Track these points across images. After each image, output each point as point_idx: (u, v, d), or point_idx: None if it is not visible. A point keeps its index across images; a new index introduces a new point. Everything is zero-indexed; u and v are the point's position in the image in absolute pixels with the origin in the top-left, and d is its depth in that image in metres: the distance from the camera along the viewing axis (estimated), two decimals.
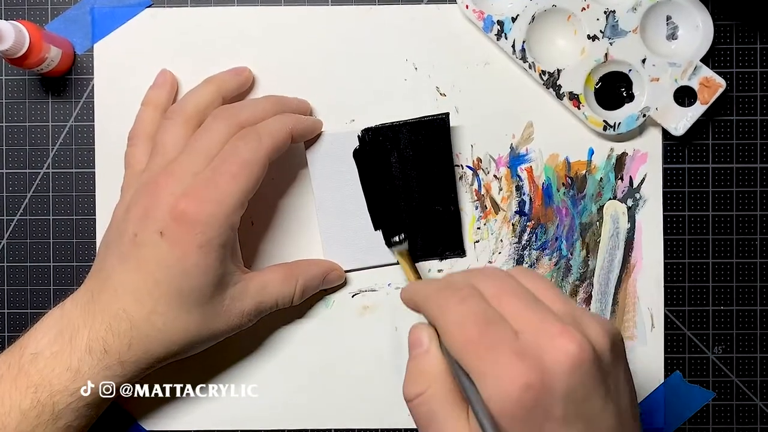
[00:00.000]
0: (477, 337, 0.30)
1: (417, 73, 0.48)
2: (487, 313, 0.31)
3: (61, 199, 0.48)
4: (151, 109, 0.45)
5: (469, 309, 0.31)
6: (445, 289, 0.33)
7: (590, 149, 0.48)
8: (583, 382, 0.30)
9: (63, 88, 0.48)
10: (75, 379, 0.39)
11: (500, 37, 0.47)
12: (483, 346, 0.30)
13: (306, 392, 0.48)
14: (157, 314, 0.39)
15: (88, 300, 0.40)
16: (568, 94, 0.47)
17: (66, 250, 0.48)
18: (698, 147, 0.48)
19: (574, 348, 0.30)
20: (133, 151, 0.44)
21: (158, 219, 0.39)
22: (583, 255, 0.48)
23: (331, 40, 0.48)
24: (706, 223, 0.48)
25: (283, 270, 0.44)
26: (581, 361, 0.30)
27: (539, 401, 0.29)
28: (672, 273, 0.48)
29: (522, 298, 0.32)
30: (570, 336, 0.30)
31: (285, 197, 0.48)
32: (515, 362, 0.29)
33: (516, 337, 0.31)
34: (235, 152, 0.40)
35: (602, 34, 0.46)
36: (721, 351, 0.48)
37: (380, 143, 0.46)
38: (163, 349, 0.40)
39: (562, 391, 0.30)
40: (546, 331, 0.31)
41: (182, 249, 0.38)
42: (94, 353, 0.39)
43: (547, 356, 0.30)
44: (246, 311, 0.42)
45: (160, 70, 0.47)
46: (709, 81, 0.46)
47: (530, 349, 0.30)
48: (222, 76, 0.46)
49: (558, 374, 0.30)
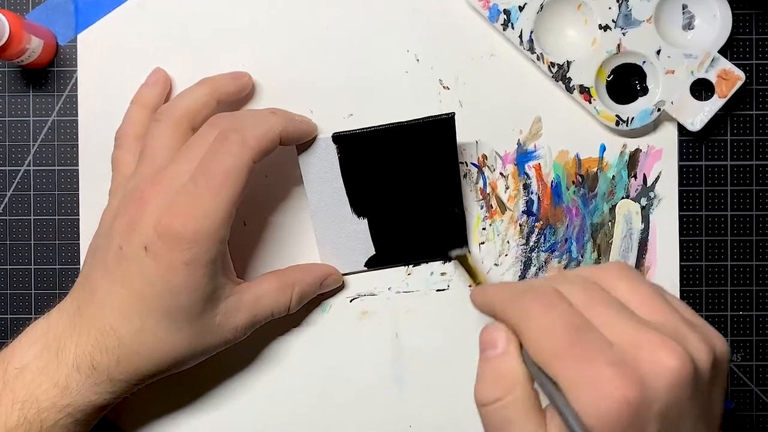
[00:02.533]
0: (568, 346, 0.29)
1: (419, 66, 0.47)
2: (577, 321, 0.30)
3: (42, 198, 0.47)
4: (140, 108, 0.44)
5: (558, 316, 0.30)
6: (528, 293, 0.32)
7: (602, 145, 0.47)
8: (680, 401, 0.29)
9: (45, 81, 0.47)
10: (63, 396, 0.38)
11: (507, 27, 0.46)
12: (575, 355, 0.29)
13: (303, 403, 0.47)
14: (146, 332, 0.38)
15: (74, 312, 0.39)
16: (579, 87, 0.46)
17: (48, 252, 0.47)
18: (716, 143, 0.47)
19: (675, 363, 0.28)
20: (121, 153, 0.43)
21: (143, 233, 0.38)
22: (594, 257, 0.47)
23: (328, 30, 0.47)
24: (724, 224, 0.47)
25: (278, 279, 0.43)
26: (681, 377, 0.28)
27: (636, 417, 0.28)
28: (688, 276, 0.47)
29: (614, 307, 0.31)
30: (670, 349, 0.29)
31: (280, 196, 0.47)
32: (612, 374, 0.28)
33: (611, 347, 0.29)
34: (216, 160, 0.38)
35: (614, 24, 0.45)
36: (739, 359, 0.47)
37: (362, 148, 0.44)
38: (154, 366, 0.39)
39: (659, 408, 0.28)
40: (644, 342, 0.29)
41: (167, 266, 0.37)
42: (82, 369, 0.38)
43: (646, 370, 0.28)
44: (240, 325, 0.41)
45: (154, 68, 0.46)
46: (727, 73, 0.45)
47: (627, 361, 0.29)
48: (219, 78, 0.44)
49: (656, 390, 0.28)
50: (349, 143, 0.44)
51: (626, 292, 0.32)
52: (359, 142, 0.44)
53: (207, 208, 0.37)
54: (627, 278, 0.32)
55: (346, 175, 0.45)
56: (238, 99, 0.45)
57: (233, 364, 0.47)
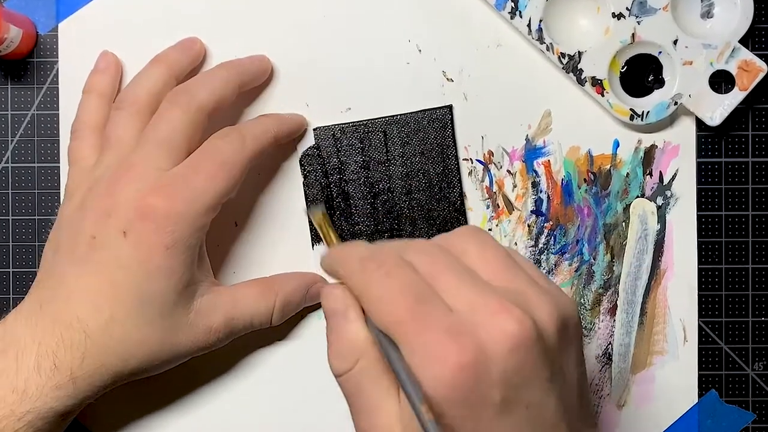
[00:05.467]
0: (406, 314, 0.30)
1: (421, 56, 0.46)
2: (417, 288, 0.30)
3: (21, 197, 0.46)
4: (96, 97, 0.44)
5: (398, 283, 0.30)
6: (370, 259, 0.32)
7: (615, 141, 0.46)
8: (523, 365, 0.29)
9: (24, 73, 0.46)
10: (22, 402, 0.37)
11: (514, 16, 0.45)
12: (413, 322, 0.29)
13: (295, 415, 0.46)
14: (115, 322, 0.38)
15: (34, 311, 0.38)
16: (591, 79, 0.45)
17: (27, 253, 0.46)
18: (736, 138, 0.47)
19: (513, 326, 0.29)
20: (78, 145, 0.43)
21: (121, 217, 0.38)
22: (607, 260, 0.46)
23: (325, 18, 0.46)
24: (745, 224, 0.46)
25: (259, 284, 0.43)
26: (521, 340, 0.29)
27: (475, 384, 0.28)
28: (707, 280, 0.46)
29: (457, 272, 0.31)
30: (509, 313, 0.29)
31: (272, 196, 0.46)
32: (446, 341, 0.29)
33: (450, 313, 0.30)
34: (216, 150, 0.40)
35: (629, 12, 0.45)
36: (762, 367, 0.46)
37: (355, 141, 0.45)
38: (121, 363, 0.38)
39: (499, 373, 0.29)
40: (481, 307, 0.30)
41: (147, 250, 0.37)
42: (42, 371, 0.37)
43: (483, 335, 0.29)
44: (214, 327, 0.40)
45: (101, 53, 0.45)
46: (748, 64, 0.44)
47: (464, 327, 0.29)
48: (172, 54, 0.44)
49: (495, 355, 0.29)
50: (342, 136, 0.45)
51: (475, 257, 0.32)
52: (352, 134, 0.45)
53: (195, 192, 0.38)
54: (476, 242, 0.33)
55: (342, 169, 0.45)
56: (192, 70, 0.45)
57: (219, 376, 0.46)
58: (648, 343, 0.46)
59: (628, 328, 0.46)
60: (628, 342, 0.45)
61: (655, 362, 0.45)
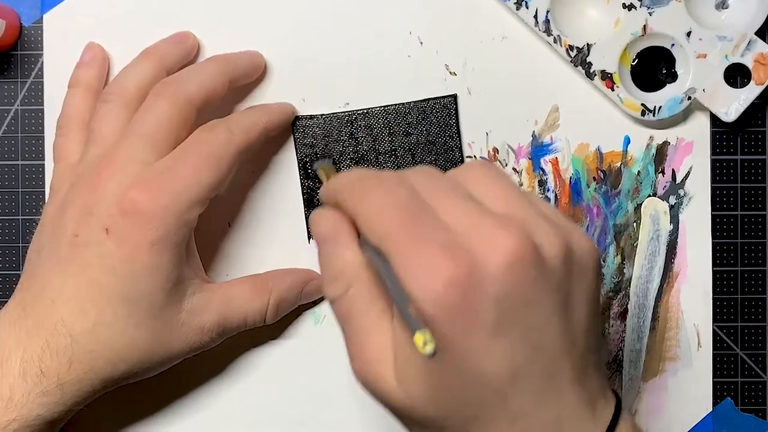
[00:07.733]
0: (401, 227, 0.29)
1: (423, 49, 0.45)
2: (415, 204, 0.30)
3: (4, 196, 0.46)
4: (82, 91, 0.43)
5: (395, 198, 0.30)
6: (371, 178, 0.32)
7: (626, 138, 0.46)
8: (521, 285, 0.29)
9: (7, 66, 0.46)
10: (7, 409, 0.36)
11: (520, 7, 0.44)
12: (407, 236, 0.29)
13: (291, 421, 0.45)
14: (102, 325, 0.37)
15: (18, 316, 0.38)
16: (600, 73, 0.45)
17: (11, 255, 0.46)
18: (752, 135, 0.46)
19: (511, 243, 0.29)
20: (64, 141, 0.42)
21: (103, 214, 0.37)
22: (617, 262, 0.46)
23: (322, 10, 0.45)
24: (761, 224, 0.46)
25: (253, 281, 0.43)
26: (519, 258, 0.28)
27: (467, 301, 0.28)
28: (722, 283, 0.46)
29: (459, 195, 0.31)
30: (507, 231, 0.29)
31: (266, 193, 0.46)
32: (439, 255, 0.28)
33: (447, 230, 0.29)
34: (202, 143, 0.39)
35: (640, 3, 0.44)
36: None
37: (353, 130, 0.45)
38: (110, 367, 0.38)
39: (494, 291, 0.28)
40: (480, 225, 0.29)
41: (131, 247, 0.37)
42: (29, 377, 0.37)
43: (479, 250, 0.29)
44: (207, 327, 0.40)
45: (86, 44, 0.45)
46: (765, 57, 0.44)
47: (460, 243, 0.29)
48: (163, 47, 0.44)
49: (490, 271, 0.28)
50: (339, 125, 0.45)
51: (482, 187, 0.32)
52: (350, 123, 0.45)
53: (180, 186, 0.37)
54: (485, 174, 0.32)
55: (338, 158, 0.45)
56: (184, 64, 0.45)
57: (211, 378, 0.46)
58: (660, 349, 0.46)
59: (640, 334, 0.45)
60: (639, 348, 0.45)
61: (667, 369, 0.45)
